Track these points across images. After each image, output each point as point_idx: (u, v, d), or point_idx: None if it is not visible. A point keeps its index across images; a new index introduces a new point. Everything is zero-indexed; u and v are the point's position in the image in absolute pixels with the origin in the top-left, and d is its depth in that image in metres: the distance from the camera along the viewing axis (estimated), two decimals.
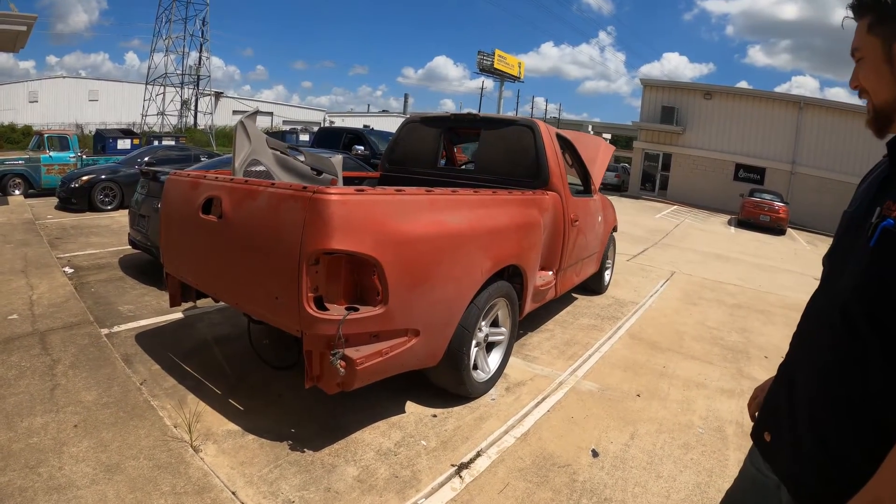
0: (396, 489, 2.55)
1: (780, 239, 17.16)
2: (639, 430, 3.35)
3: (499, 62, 39.40)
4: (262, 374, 3.64)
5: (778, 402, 1.17)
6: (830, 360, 1.02)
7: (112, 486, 2.37)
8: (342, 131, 13.30)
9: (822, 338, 1.06)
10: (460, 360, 3.17)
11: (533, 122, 4.46)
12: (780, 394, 1.17)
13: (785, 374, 1.18)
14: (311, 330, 2.45)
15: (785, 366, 1.20)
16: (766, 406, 1.24)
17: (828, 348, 1.03)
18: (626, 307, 6.22)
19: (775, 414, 1.17)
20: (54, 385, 3.28)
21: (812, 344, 1.10)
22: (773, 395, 1.21)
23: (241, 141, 3.85)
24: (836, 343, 1.01)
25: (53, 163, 12.75)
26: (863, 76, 1.06)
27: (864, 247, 0.97)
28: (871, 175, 1.14)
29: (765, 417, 1.23)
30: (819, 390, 1.04)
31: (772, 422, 1.18)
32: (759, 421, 1.25)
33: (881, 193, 1.02)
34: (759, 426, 1.23)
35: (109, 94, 41.53)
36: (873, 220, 0.97)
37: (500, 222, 3.39)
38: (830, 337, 1.03)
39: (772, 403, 1.20)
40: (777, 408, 1.16)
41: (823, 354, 1.04)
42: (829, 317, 1.04)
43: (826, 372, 1.03)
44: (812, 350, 1.09)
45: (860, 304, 0.95)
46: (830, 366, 1.02)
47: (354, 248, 2.40)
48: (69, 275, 5.85)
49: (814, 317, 1.13)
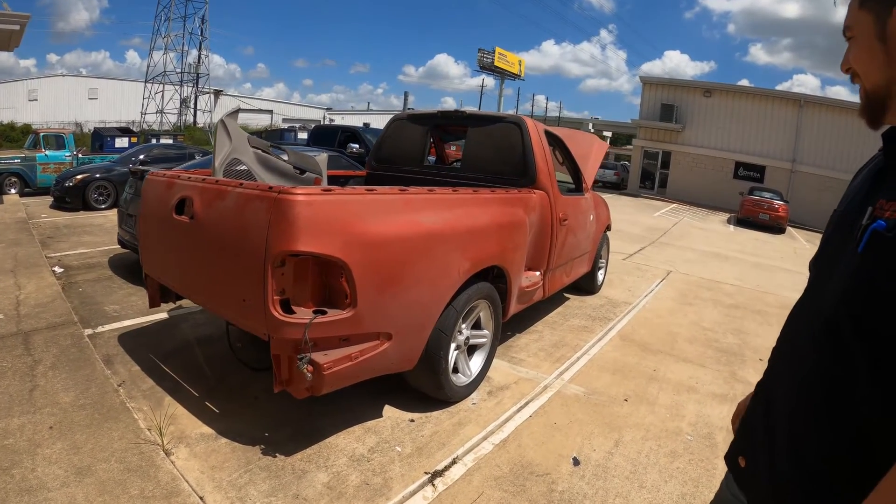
0: (366, 497, 2.49)
1: (779, 237, 17.05)
2: (624, 436, 3.26)
3: (499, 60, 39.28)
4: (240, 375, 3.59)
5: (754, 423, 1.07)
6: (813, 375, 0.92)
7: (82, 488, 2.37)
8: (338, 129, 13.26)
9: (804, 351, 0.96)
10: (438, 363, 3.11)
11: (520, 119, 4.39)
12: (756, 414, 1.07)
13: (762, 393, 1.08)
14: (277, 333, 2.39)
15: (763, 384, 1.10)
16: (742, 428, 1.14)
17: (811, 362, 0.93)
18: (618, 307, 6.14)
19: (751, 436, 1.07)
20: (33, 386, 3.28)
21: (793, 358, 1.00)
22: (749, 416, 1.11)
23: (222, 140, 3.79)
24: (821, 357, 0.91)
25: (49, 161, 12.76)
26: (854, 57, 0.96)
27: (853, 251, 0.87)
28: (864, 170, 1.04)
29: (740, 440, 1.13)
30: (799, 408, 0.94)
31: (747, 445, 1.08)
32: (734, 444, 1.15)
33: (873, 191, 0.92)
34: (734, 449, 1.13)
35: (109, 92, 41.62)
36: (864, 222, 0.87)
37: (480, 222, 3.32)
38: (814, 350, 0.93)
39: (748, 425, 1.10)
40: (753, 429, 1.07)
41: (805, 369, 0.94)
42: (813, 327, 0.94)
43: (808, 387, 0.93)
44: (793, 364, 0.99)
45: (848, 315, 0.85)
46: (813, 381, 0.92)
47: (320, 249, 2.34)
48: (58, 274, 5.83)
49: (796, 328, 1.03)
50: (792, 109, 24.43)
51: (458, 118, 4.81)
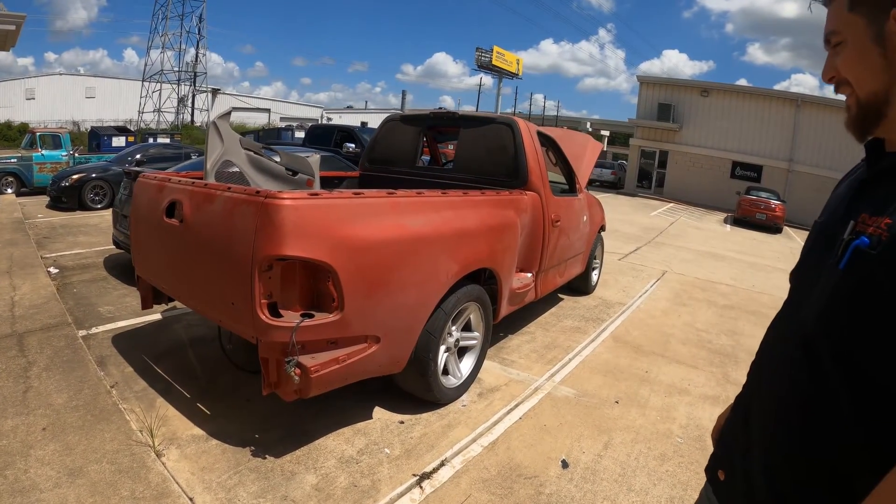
0: (354, 499, 2.51)
1: (776, 237, 17.07)
2: (614, 439, 3.27)
3: (497, 59, 39.26)
4: (231, 377, 3.61)
5: (734, 437, 1.04)
6: (790, 394, 0.88)
7: (73, 489, 2.39)
8: (334, 129, 13.28)
9: (782, 370, 0.91)
10: (427, 366, 3.12)
11: (512, 120, 4.40)
12: (735, 428, 1.04)
13: (741, 407, 1.04)
14: (265, 337, 2.41)
15: (741, 397, 1.07)
16: (721, 440, 1.11)
17: (788, 381, 0.88)
18: (612, 308, 6.15)
19: (730, 451, 1.04)
20: (27, 387, 3.29)
21: (772, 374, 0.96)
22: (729, 429, 1.08)
23: (214, 142, 3.80)
24: (798, 376, 0.86)
25: (45, 161, 12.73)
26: (843, 64, 0.88)
27: (833, 267, 0.82)
28: (847, 179, 1.00)
29: (719, 453, 1.10)
30: (776, 429, 0.90)
31: (726, 459, 1.05)
32: (714, 456, 1.12)
33: (855, 203, 0.87)
34: (714, 462, 1.10)
35: (106, 91, 41.52)
36: (845, 237, 0.82)
37: (470, 224, 3.33)
38: (791, 370, 0.88)
39: (727, 438, 1.08)
40: (731, 444, 1.04)
41: (783, 388, 0.90)
42: (790, 344, 0.90)
43: (785, 408, 0.88)
44: (772, 381, 0.95)
45: (825, 335, 0.81)
46: (790, 402, 0.87)
47: (307, 254, 2.36)
48: (53, 275, 5.84)
49: (774, 345, 0.99)
50: (789, 109, 24.43)
51: (450, 119, 4.82)
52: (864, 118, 0.88)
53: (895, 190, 0.81)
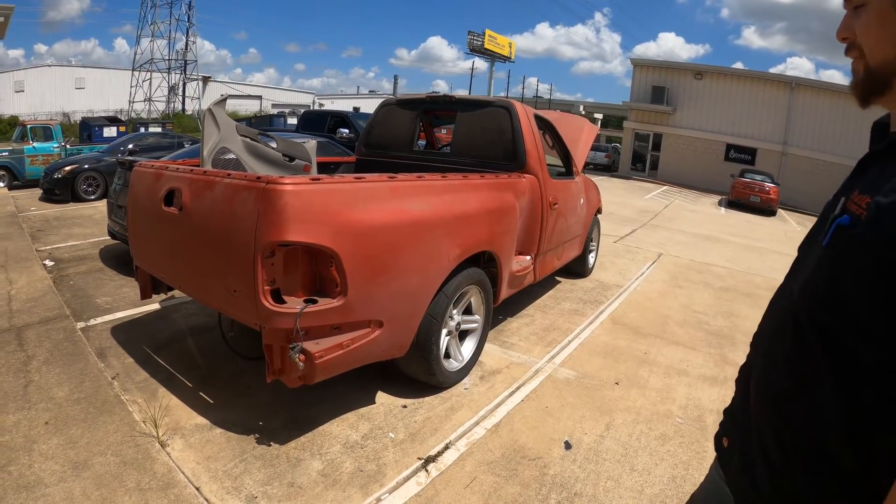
0: (360, 484, 2.52)
1: (770, 220, 17.14)
2: (615, 420, 3.29)
3: (489, 42, 38.89)
4: (233, 365, 3.60)
5: (735, 406, 1.06)
6: (780, 365, 0.90)
7: (79, 483, 2.40)
8: (327, 114, 13.14)
9: (775, 342, 0.94)
10: (429, 349, 3.13)
11: (509, 103, 4.37)
12: (737, 397, 1.06)
13: (743, 377, 1.06)
14: (268, 323, 2.40)
15: (744, 367, 1.07)
16: (728, 409, 1.12)
17: (780, 354, 0.91)
18: (609, 290, 6.17)
19: (732, 419, 1.06)
20: (28, 382, 3.29)
21: (767, 345, 0.98)
22: (734, 399, 1.09)
23: (210, 129, 3.77)
24: (788, 349, 0.88)
25: (37, 153, 12.62)
26: (862, 28, 0.85)
27: (819, 245, 0.85)
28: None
29: (725, 421, 1.11)
30: (767, 398, 0.92)
31: (729, 426, 1.07)
32: (720, 424, 1.13)
33: (851, 181, 0.88)
34: (720, 430, 1.12)
35: (96, 81, 41.02)
36: (834, 213, 0.84)
37: (470, 208, 3.32)
38: (782, 341, 0.91)
39: (731, 407, 1.09)
40: (734, 412, 1.06)
41: (776, 360, 0.92)
42: (782, 319, 0.93)
43: (775, 379, 0.91)
44: (767, 354, 0.97)
45: (806, 310, 0.84)
46: (782, 374, 0.89)
47: (310, 239, 2.34)
48: (49, 268, 5.81)
49: (771, 316, 1.01)
50: (783, 92, 24.40)
51: (447, 103, 4.79)
52: (870, 85, 0.86)
53: (884, 170, 0.81)
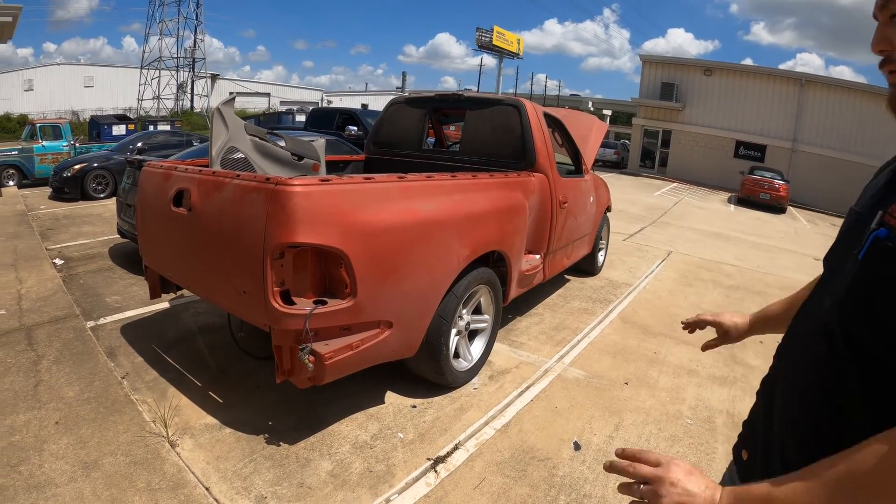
0: (369, 484, 2.51)
1: (780, 217, 16.98)
2: (624, 420, 3.27)
3: (497, 38, 38.76)
4: (242, 364, 3.61)
5: (758, 416, 1.02)
6: (811, 382, 0.86)
7: (89, 483, 2.40)
8: (335, 112, 13.13)
9: (804, 355, 0.90)
10: (439, 349, 3.11)
11: (519, 102, 4.34)
12: (759, 410, 1.03)
13: (766, 390, 1.03)
14: (278, 325, 2.40)
15: (767, 380, 1.05)
16: (747, 420, 1.09)
17: (808, 366, 0.87)
18: (619, 289, 6.13)
19: (753, 431, 1.03)
20: (38, 381, 3.30)
21: (794, 360, 0.94)
22: (754, 411, 1.07)
23: (218, 128, 3.77)
24: (818, 364, 0.85)
25: (46, 152, 12.68)
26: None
27: (855, 258, 0.82)
28: (887, 168, 0.96)
29: (745, 433, 1.08)
30: (796, 415, 0.88)
31: (750, 438, 1.04)
32: (740, 436, 1.11)
33: (888, 194, 0.84)
34: (739, 442, 1.09)
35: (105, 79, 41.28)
36: (872, 226, 0.81)
37: (480, 207, 3.30)
38: (812, 355, 0.87)
39: (753, 418, 1.06)
40: (756, 424, 1.03)
41: (805, 375, 0.88)
42: (811, 332, 0.89)
43: (805, 391, 0.87)
44: (794, 365, 0.93)
45: (839, 323, 0.81)
46: (809, 385, 0.86)
47: (319, 240, 2.34)
48: (59, 266, 5.84)
49: (799, 328, 0.98)
50: (793, 88, 24.15)
51: (456, 101, 4.76)
52: None
53: None
